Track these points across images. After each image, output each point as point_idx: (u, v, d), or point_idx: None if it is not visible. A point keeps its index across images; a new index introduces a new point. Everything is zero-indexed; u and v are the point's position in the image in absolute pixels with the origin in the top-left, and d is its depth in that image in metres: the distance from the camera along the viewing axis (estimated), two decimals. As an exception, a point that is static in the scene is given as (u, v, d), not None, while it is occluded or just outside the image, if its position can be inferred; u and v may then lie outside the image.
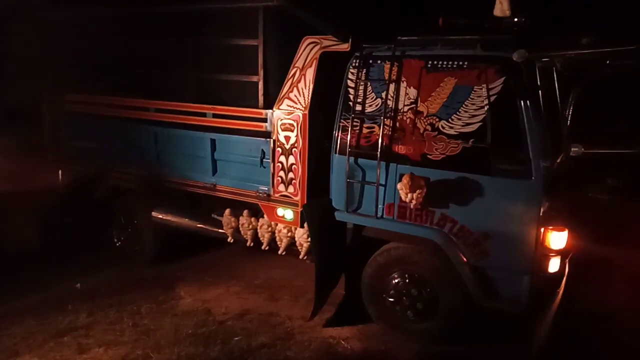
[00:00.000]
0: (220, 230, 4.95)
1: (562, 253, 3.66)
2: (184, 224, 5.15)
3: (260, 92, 4.46)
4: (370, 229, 4.14)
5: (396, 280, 4.07)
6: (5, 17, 5.67)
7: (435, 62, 3.80)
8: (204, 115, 4.74)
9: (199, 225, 5.09)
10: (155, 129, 5.05)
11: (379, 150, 3.92)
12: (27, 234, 5.20)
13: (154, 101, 5.02)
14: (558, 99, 4.02)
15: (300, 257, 4.58)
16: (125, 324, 4.19)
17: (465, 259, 3.76)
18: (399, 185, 3.73)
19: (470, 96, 3.66)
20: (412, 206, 3.76)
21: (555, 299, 3.82)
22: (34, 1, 5.62)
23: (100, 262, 5.25)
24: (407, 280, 4.03)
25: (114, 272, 5.12)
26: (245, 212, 4.76)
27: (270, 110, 4.37)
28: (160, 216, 5.20)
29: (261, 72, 4.42)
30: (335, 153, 4.17)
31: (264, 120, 4.41)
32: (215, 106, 4.67)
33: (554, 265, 3.63)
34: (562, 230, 3.60)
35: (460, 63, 3.71)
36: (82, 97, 5.53)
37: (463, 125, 3.68)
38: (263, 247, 4.78)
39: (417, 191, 3.64)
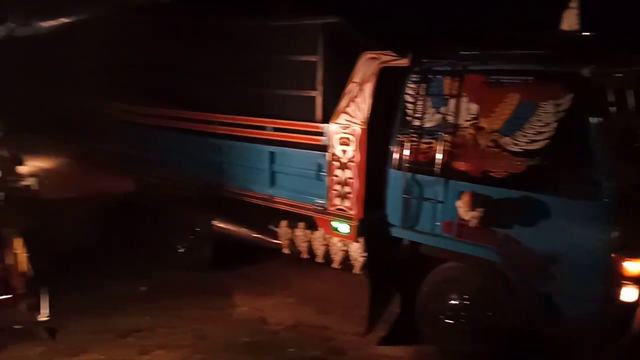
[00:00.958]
0: (276, 241, 5.05)
1: (638, 281, 3.40)
2: (241, 234, 5.29)
3: (319, 107, 4.53)
4: (427, 246, 4.06)
5: (453, 301, 3.96)
6: (73, 32, 6.01)
7: (498, 77, 3.70)
8: (263, 128, 4.88)
9: (255, 235, 5.22)
10: (217, 141, 5.25)
11: (438, 166, 3.85)
12: (94, 237, 5.51)
13: (217, 114, 5.23)
14: (634, 115, 3.78)
15: (355, 271, 4.57)
16: (184, 328, 4.35)
17: (528, 283, 3.59)
18: (458, 203, 3.64)
19: (536, 112, 3.52)
20: (472, 225, 3.65)
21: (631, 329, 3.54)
22: (99, 17, 5.92)
23: (163, 267, 5.49)
24: (464, 302, 3.91)
25: (175, 277, 5.34)
26: (301, 224, 4.82)
27: (328, 125, 4.43)
28: (219, 225, 5.38)
29: (320, 87, 4.50)
30: (392, 168, 4.14)
31: (321, 134, 4.48)
32: (275, 120, 4.79)
33: (628, 294, 3.38)
34: (637, 257, 3.35)
35: (526, 78, 3.59)
36: (147, 109, 5.84)
37: (528, 143, 3.54)
38: (317, 260, 4.81)
39: (478, 209, 3.54)
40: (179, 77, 5.44)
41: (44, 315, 2.62)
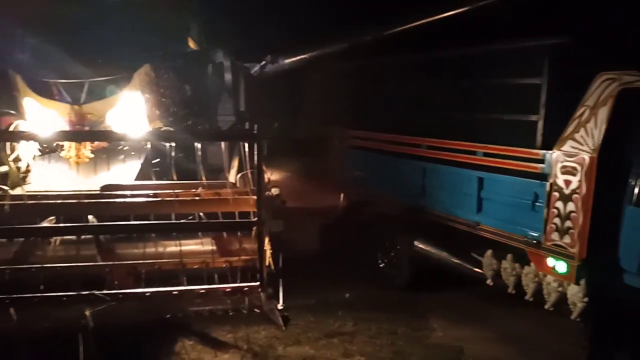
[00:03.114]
0: (478, 271, 4.86)
1: None
2: (442, 258, 5.25)
3: (539, 132, 4.25)
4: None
5: None
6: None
7: None
8: (473, 153, 4.79)
9: (457, 262, 5.12)
10: (424, 165, 5.37)
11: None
12: (313, 244, 6.16)
13: (426, 139, 5.37)
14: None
15: (572, 317, 4.06)
16: (383, 340, 4.52)
17: None
18: None
19: None
20: None
21: None
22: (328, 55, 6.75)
23: (365, 278, 5.83)
24: None
25: (376, 290, 5.61)
26: (509, 256, 4.54)
27: (549, 152, 4.10)
28: (421, 246, 5.45)
29: (542, 111, 4.22)
30: (631, 204, 3.59)
31: (541, 161, 4.16)
32: (486, 145, 4.67)
33: None
34: None
35: None
36: (361, 133, 6.36)
37: None
38: (526, 298, 4.44)
39: None
40: (394, 105, 5.80)
41: (280, 304, 3.10)
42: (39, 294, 2.94)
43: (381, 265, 5.93)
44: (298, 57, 6.38)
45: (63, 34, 4.44)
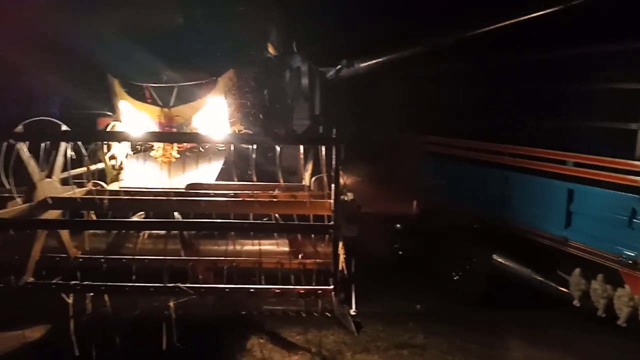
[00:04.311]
0: (564, 290, 4.52)
1: None
2: (524, 274, 4.95)
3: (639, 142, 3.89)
4: None
5: None
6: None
7: None
8: (563, 163, 4.49)
9: (540, 279, 4.80)
10: (505, 173, 5.11)
11: None
12: (383, 251, 6.08)
13: (507, 145, 5.11)
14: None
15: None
16: (455, 356, 4.32)
17: None
18: None
19: None
20: None
21: None
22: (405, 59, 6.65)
23: (437, 290, 5.64)
24: None
25: (448, 303, 5.40)
26: (600, 276, 4.18)
27: (652, 164, 3.74)
28: (499, 260, 5.19)
29: (645, 119, 3.86)
30: None
31: (640, 174, 3.82)
32: (578, 154, 4.35)
33: None
34: None
35: None
36: (437, 139, 6.19)
37: None
38: (618, 323, 4.07)
39: None
40: (473, 110, 5.59)
41: (352, 310, 3.08)
42: (130, 284, 3.15)
43: (455, 278, 5.71)
44: (374, 61, 6.35)
45: (155, 42, 4.77)
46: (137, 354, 3.44)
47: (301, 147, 3.81)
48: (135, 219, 3.67)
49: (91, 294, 3.31)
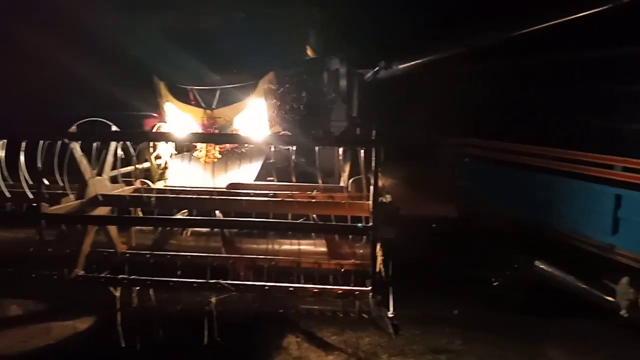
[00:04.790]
0: (610, 299, 4.34)
1: None
2: (567, 282, 4.79)
3: (696, 147, 3.71)
4: None
5: None
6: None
7: None
8: (610, 167, 4.33)
9: (584, 287, 4.63)
10: (549, 177, 4.97)
11: None
12: (420, 253, 5.99)
13: (552, 149, 4.97)
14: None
15: None
16: (493, 364, 4.25)
17: None
18: None
19: None
20: None
21: None
22: (445, 60, 6.57)
23: (475, 296, 5.52)
24: None
25: (486, 309, 5.27)
26: (650, 286, 4.01)
27: None
28: (542, 267, 5.04)
29: (701, 123, 3.67)
30: None
31: (697, 180, 3.63)
32: (627, 158, 4.18)
33: None
34: None
35: None
36: (477, 141, 6.07)
37: None
38: (670, 336, 3.88)
39: None
40: (515, 110, 5.46)
41: (390, 312, 3.08)
42: (175, 279, 3.27)
43: (494, 284, 5.58)
44: (413, 63, 6.31)
45: (198, 45, 4.92)
46: (180, 347, 3.56)
47: (340, 148, 3.83)
48: (178, 216, 3.81)
49: (137, 287, 3.47)
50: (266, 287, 3.24)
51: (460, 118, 6.20)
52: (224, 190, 3.85)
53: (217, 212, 3.70)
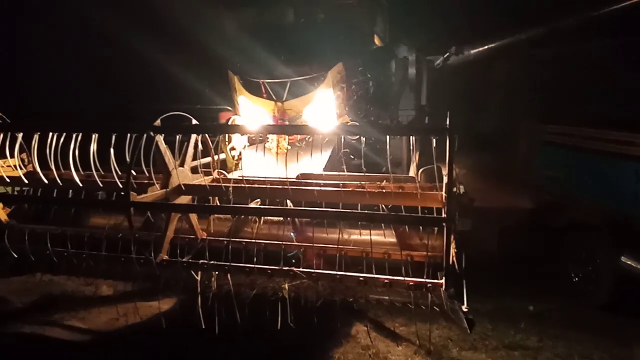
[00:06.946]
0: None
1: None
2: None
3: None
4: None
5: None
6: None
7: None
8: None
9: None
10: (638, 167, 4.59)
11: None
12: (496, 246, 5.78)
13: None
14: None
15: None
16: (572, 363, 4.05)
17: None
18: None
19: None
20: None
21: None
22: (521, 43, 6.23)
23: (551, 290, 5.28)
24: None
25: (566, 306, 5.03)
26: None
27: None
28: (629, 262, 4.69)
29: None
30: None
31: None
32: None
33: None
34: None
35: None
36: (556, 128, 5.72)
37: None
38: None
39: None
40: (599, 94, 5.08)
41: (464, 306, 3.01)
42: (251, 265, 3.41)
43: (575, 279, 5.27)
44: (486, 47, 6.04)
45: (269, 38, 5.03)
46: (255, 330, 3.72)
47: (411, 138, 3.76)
48: (252, 205, 3.95)
49: (216, 272, 3.65)
50: (337, 276, 3.29)
51: (540, 104, 5.87)
52: (295, 180, 3.93)
53: (288, 201, 3.79)
